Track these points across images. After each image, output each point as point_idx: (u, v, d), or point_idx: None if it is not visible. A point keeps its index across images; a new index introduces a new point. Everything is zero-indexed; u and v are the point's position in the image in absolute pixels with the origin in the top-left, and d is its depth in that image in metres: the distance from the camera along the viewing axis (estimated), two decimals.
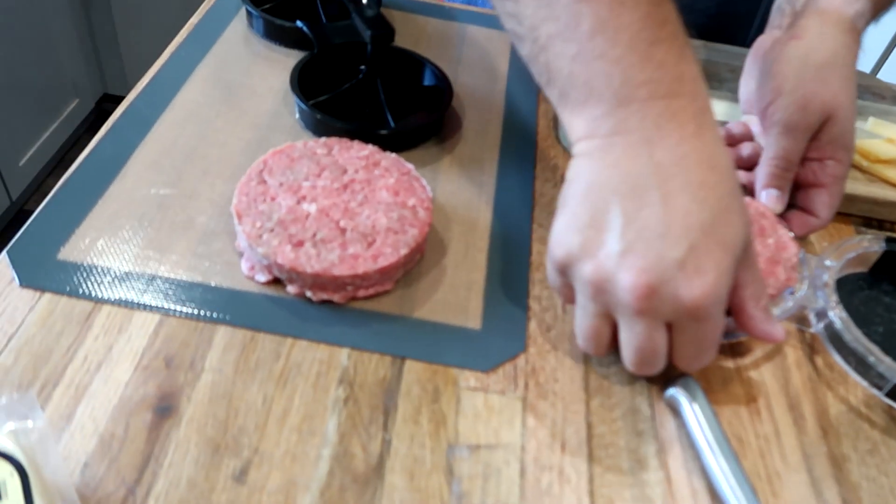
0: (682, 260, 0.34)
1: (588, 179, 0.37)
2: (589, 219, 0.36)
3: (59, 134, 1.73)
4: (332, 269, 0.40)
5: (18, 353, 0.37)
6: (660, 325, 0.36)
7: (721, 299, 0.35)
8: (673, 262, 0.34)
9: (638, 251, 0.34)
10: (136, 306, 0.40)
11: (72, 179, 0.47)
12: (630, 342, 0.37)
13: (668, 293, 0.34)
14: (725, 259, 0.35)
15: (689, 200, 0.35)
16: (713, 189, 0.35)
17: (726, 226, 0.35)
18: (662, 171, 0.35)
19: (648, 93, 0.36)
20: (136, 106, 0.53)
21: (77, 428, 0.35)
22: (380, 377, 0.39)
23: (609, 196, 0.36)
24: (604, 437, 0.38)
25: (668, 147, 0.35)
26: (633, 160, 0.36)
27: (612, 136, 0.36)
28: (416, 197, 0.45)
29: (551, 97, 0.40)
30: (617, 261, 0.35)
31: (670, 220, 0.34)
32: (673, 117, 0.36)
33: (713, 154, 0.36)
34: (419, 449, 0.36)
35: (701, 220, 0.34)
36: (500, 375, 0.40)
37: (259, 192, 0.44)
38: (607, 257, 0.35)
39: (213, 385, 0.38)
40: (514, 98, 0.61)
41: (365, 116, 0.56)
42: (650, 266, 0.34)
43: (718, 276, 0.34)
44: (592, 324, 0.38)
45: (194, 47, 0.60)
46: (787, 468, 0.38)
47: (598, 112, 0.37)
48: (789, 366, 0.43)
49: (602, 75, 0.36)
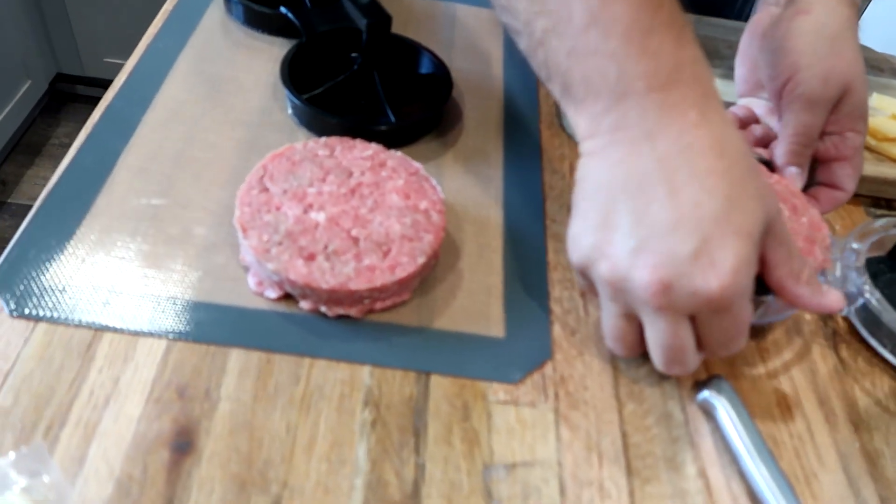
0: (695, 253, 0.33)
1: (595, 180, 0.36)
2: (599, 220, 0.35)
3: (13, 118, 1.64)
4: (348, 284, 0.38)
5: (17, 393, 0.35)
6: (682, 319, 0.35)
7: (743, 288, 0.34)
8: (686, 256, 0.33)
9: (650, 248, 0.34)
10: (139, 332, 0.38)
11: (53, 194, 0.44)
12: (655, 340, 0.36)
13: (684, 288, 0.33)
14: (743, 246, 0.33)
15: (697, 191, 0.34)
16: (723, 176, 0.34)
17: (741, 212, 0.34)
18: (667, 165, 0.34)
19: (646, 85, 0.35)
20: (115, 107, 0.50)
21: (91, 472, 0.32)
22: (406, 395, 0.37)
23: (617, 195, 0.35)
24: (640, 446, 0.37)
25: (670, 139, 0.34)
26: (636, 156, 0.35)
27: (614, 133, 0.36)
28: (427, 199, 0.43)
29: (554, 93, 0.38)
30: (630, 259, 0.34)
31: (679, 213, 0.33)
32: (673, 108, 0.35)
33: (721, 139, 0.35)
34: (454, 472, 0.35)
35: (712, 209, 0.33)
36: (529, 386, 0.39)
37: (262, 202, 0.41)
38: (621, 257, 0.34)
39: (232, 415, 0.35)
40: (512, 82, 0.59)
41: (361, 110, 0.53)
42: (663, 262, 0.33)
43: (736, 265, 0.33)
44: (617, 324, 0.37)
45: (171, 39, 0.56)
46: (824, 468, 0.38)
47: (598, 109, 0.36)
48: (815, 358, 0.43)
49: (598, 71, 0.35)
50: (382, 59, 0.53)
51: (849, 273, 0.43)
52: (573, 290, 0.44)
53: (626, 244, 0.34)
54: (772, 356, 0.43)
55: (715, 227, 0.33)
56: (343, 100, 0.52)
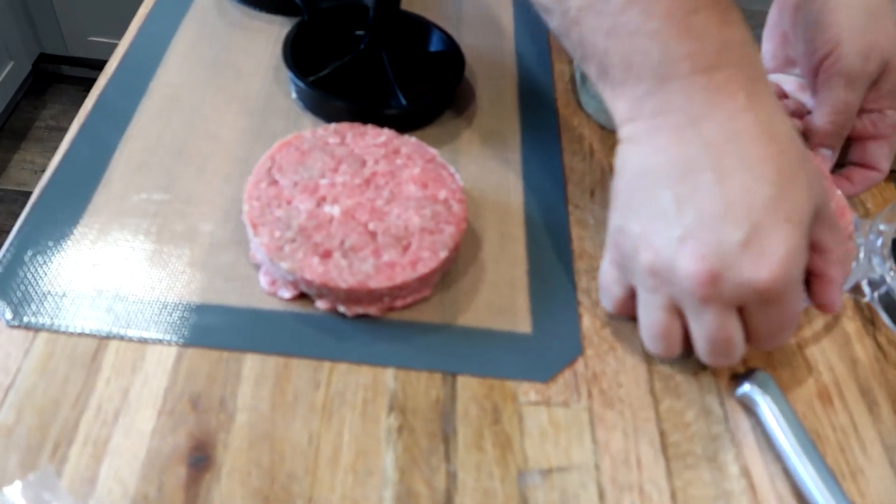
0: (745, 241, 0.31)
1: (636, 168, 0.35)
2: (643, 206, 0.34)
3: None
4: (367, 282, 0.36)
5: (20, 409, 0.33)
6: (730, 311, 0.33)
7: (794, 278, 0.33)
8: (735, 245, 0.31)
9: (697, 236, 0.32)
10: (147, 340, 0.35)
11: (47, 191, 0.41)
12: (701, 333, 0.34)
13: (732, 278, 0.32)
14: (794, 235, 0.32)
15: (747, 178, 0.32)
16: (773, 162, 0.32)
17: (791, 199, 0.32)
18: (714, 151, 0.32)
19: (691, 67, 0.33)
20: (108, 96, 0.47)
21: (103, 493, 0.31)
22: (432, 399, 0.35)
23: (660, 182, 0.33)
24: (679, 445, 0.36)
25: (718, 124, 0.33)
26: (681, 143, 0.33)
27: (656, 118, 0.34)
28: (446, 188, 0.41)
29: (590, 74, 0.37)
30: (675, 248, 0.32)
31: (728, 200, 0.32)
32: (720, 91, 0.33)
33: (771, 124, 0.33)
34: (488, 479, 0.33)
35: (763, 197, 0.32)
36: (561, 385, 0.37)
37: (272, 196, 0.39)
38: (665, 245, 0.33)
39: (251, 426, 0.33)
40: (525, 59, 0.56)
41: (369, 92, 0.50)
42: (711, 251, 0.32)
43: (787, 254, 0.32)
44: (658, 318, 0.35)
45: (163, 21, 0.53)
46: (870, 462, 0.36)
47: (640, 92, 0.34)
48: (854, 346, 0.41)
49: (639, 52, 0.33)
50: (391, 37, 0.50)
51: (873, 257, 0.41)
52: None
53: (671, 233, 0.32)
54: (809, 345, 0.41)
55: (765, 215, 0.32)
56: (350, 82, 0.50)
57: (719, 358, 0.35)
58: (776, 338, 0.35)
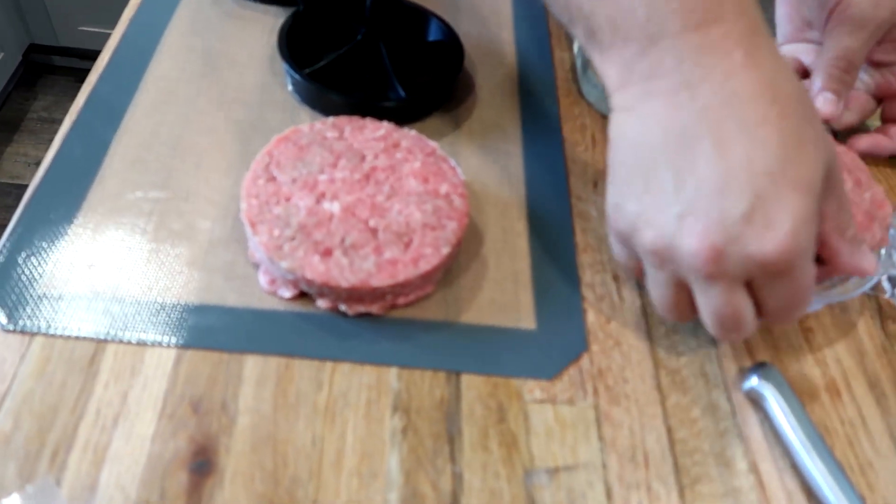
0: (749, 213, 0.29)
1: (631, 139, 0.33)
2: (640, 183, 0.32)
3: None
4: (369, 281, 0.35)
5: (18, 416, 0.32)
6: (737, 286, 0.31)
7: (804, 250, 0.30)
8: (738, 218, 0.30)
9: (697, 211, 0.30)
10: (146, 342, 0.35)
11: (40, 190, 0.40)
12: (708, 309, 0.32)
13: (737, 253, 0.30)
14: (802, 202, 0.30)
15: (748, 144, 0.30)
16: (777, 125, 0.30)
17: (799, 164, 0.30)
18: (711, 116, 0.30)
19: (681, 23, 0.30)
20: (101, 91, 0.46)
21: (104, 500, 0.30)
22: (437, 399, 0.35)
23: (656, 154, 0.31)
24: (686, 442, 0.35)
25: (713, 86, 0.30)
26: (676, 109, 0.31)
27: (648, 83, 0.32)
28: (447, 182, 0.40)
29: (578, 38, 0.35)
30: (676, 225, 0.31)
31: (728, 170, 0.30)
32: (714, 49, 0.30)
33: (772, 82, 0.31)
34: (494, 480, 0.33)
35: (766, 164, 0.30)
36: (566, 382, 0.36)
37: (270, 193, 0.38)
38: (665, 223, 0.31)
39: (253, 428, 0.33)
40: (525, 47, 0.55)
41: (367, 83, 0.49)
42: (713, 226, 0.30)
43: (795, 224, 0.30)
44: (666, 293, 0.34)
45: (155, 11, 0.52)
46: (878, 455, 0.36)
47: (629, 54, 0.32)
48: (861, 336, 0.41)
49: (624, 10, 0.31)
50: (388, 27, 0.49)
51: (893, 253, 0.41)
52: (605, 273, 0.41)
53: (671, 209, 0.31)
54: (816, 335, 0.40)
55: (769, 184, 0.29)
56: (347, 73, 0.49)
57: (729, 333, 0.33)
58: (789, 313, 0.33)
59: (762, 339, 0.40)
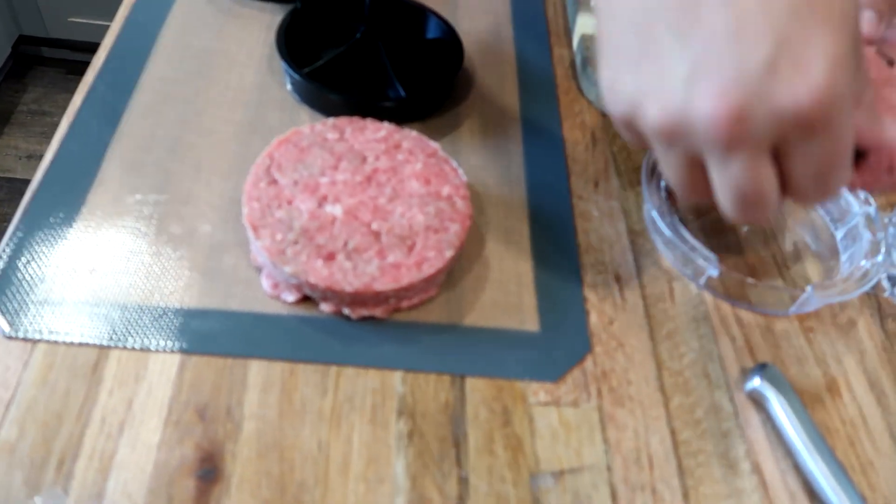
0: (772, 61, 0.25)
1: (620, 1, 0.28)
2: (636, 50, 0.27)
3: None
4: (373, 285, 0.35)
5: (22, 425, 0.32)
6: (763, 155, 0.26)
7: (842, 96, 0.25)
8: (760, 66, 0.25)
9: (709, 68, 0.25)
10: (149, 348, 0.35)
11: (39, 195, 0.40)
12: (726, 186, 0.28)
13: (763, 110, 0.25)
14: (837, 38, 0.25)
15: None
16: None
17: None
18: None
19: None
20: (98, 91, 0.45)
21: None
22: (442, 402, 0.35)
23: (652, 11, 0.27)
24: (690, 443, 0.35)
25: None
26: None
27: None
28: (449, 184, 0.40)
29: None
30: (686, 89, 0.26)
31: (741, 12, 0.25)
32: None
33: None
34: (500, 483, 0.33)
35: None
36: (570, 384, 0.37)
37: (272, 196, 0.38)
38: (672, 90, 0.26)
39: (259, 435, 0.33)
40: (523, 43, 0.54)
41: (366, 83, 0.49)
42: (730, 83, 0.25)
43: (832, 65, 0.24)
44: (682, 175, 0.29)
45: (150, 9, 0.51)
46: (879, 455, 0.36)
47: None
48: (861, 335, 0.41)
49: None
50: (388, 25, 0.49)
51: (893, 252, 0.41)
52: (607, 274, 0.41)
53: (677, 71, 0.26)
54: (817, 335, 0.41)
55: (794, 20, 0.25)
56: (346, 72, 0.48)
57: (749, 213, 0.28)
58: (825, 182, 0.27)
59: (763, 339, 0.40)
